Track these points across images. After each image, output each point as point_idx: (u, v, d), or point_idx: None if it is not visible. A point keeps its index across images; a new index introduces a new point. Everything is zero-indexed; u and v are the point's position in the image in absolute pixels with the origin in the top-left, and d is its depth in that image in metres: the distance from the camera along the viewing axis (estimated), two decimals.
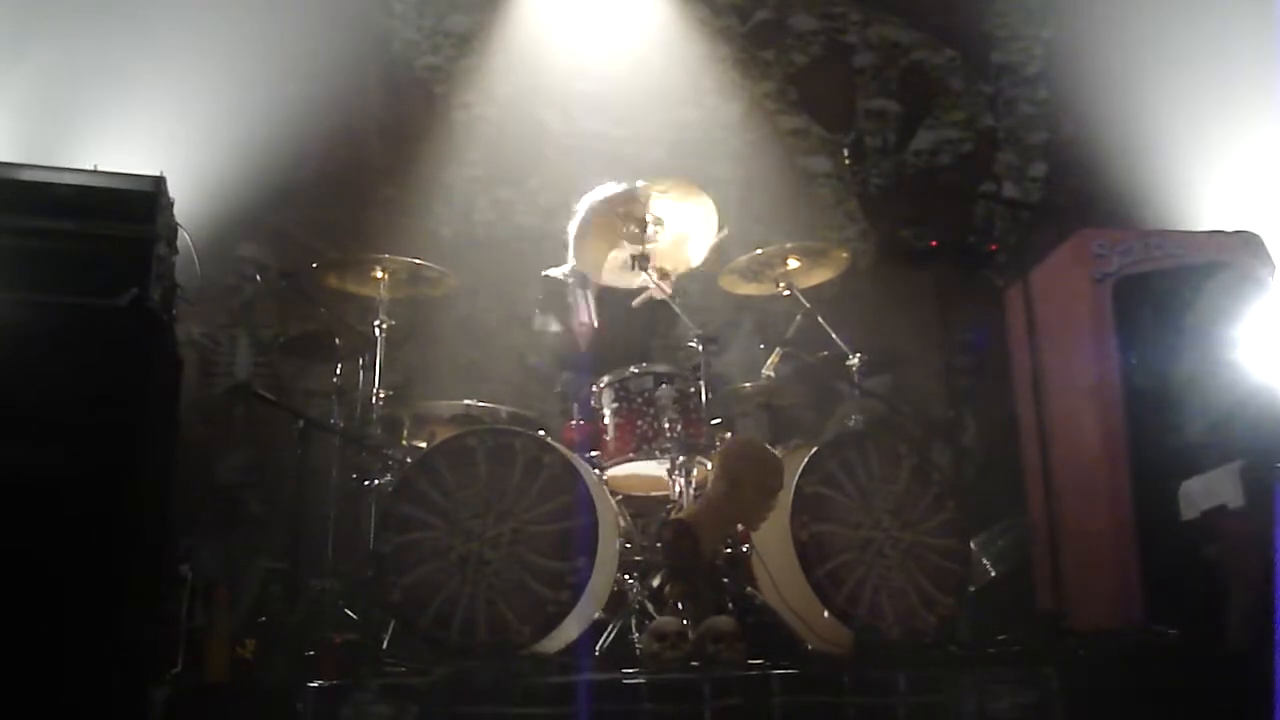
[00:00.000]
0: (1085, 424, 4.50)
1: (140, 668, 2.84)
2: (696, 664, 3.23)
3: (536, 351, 4.85)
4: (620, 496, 3.95)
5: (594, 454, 3.97)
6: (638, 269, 4.13)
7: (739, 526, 3.76)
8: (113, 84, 4.94)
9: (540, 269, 4.63)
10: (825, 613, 3.49)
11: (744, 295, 4.64)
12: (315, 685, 2.86)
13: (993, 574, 4.72)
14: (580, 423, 4.07)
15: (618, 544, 3.70)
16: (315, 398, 4.97)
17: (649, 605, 3.63)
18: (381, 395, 4.20)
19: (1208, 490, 3.64)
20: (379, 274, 4.30)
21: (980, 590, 4.41)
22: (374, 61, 5.99)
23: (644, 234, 4.13)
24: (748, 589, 3.70)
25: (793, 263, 4.33)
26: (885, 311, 5.57)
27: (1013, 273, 4.83)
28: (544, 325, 4.52)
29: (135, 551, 2.80)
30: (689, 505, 3.77)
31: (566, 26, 6.16)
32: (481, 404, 4.17)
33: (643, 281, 4.17)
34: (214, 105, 5.19)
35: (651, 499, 4.08)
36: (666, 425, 3.87)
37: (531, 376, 5.11)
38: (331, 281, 4.42)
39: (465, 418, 4.09)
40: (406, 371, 5.26)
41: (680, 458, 3.83)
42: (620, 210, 4.17)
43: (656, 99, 6.13)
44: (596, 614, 3.59)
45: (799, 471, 3.63)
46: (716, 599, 3.62)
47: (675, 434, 3.86)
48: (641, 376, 3.98)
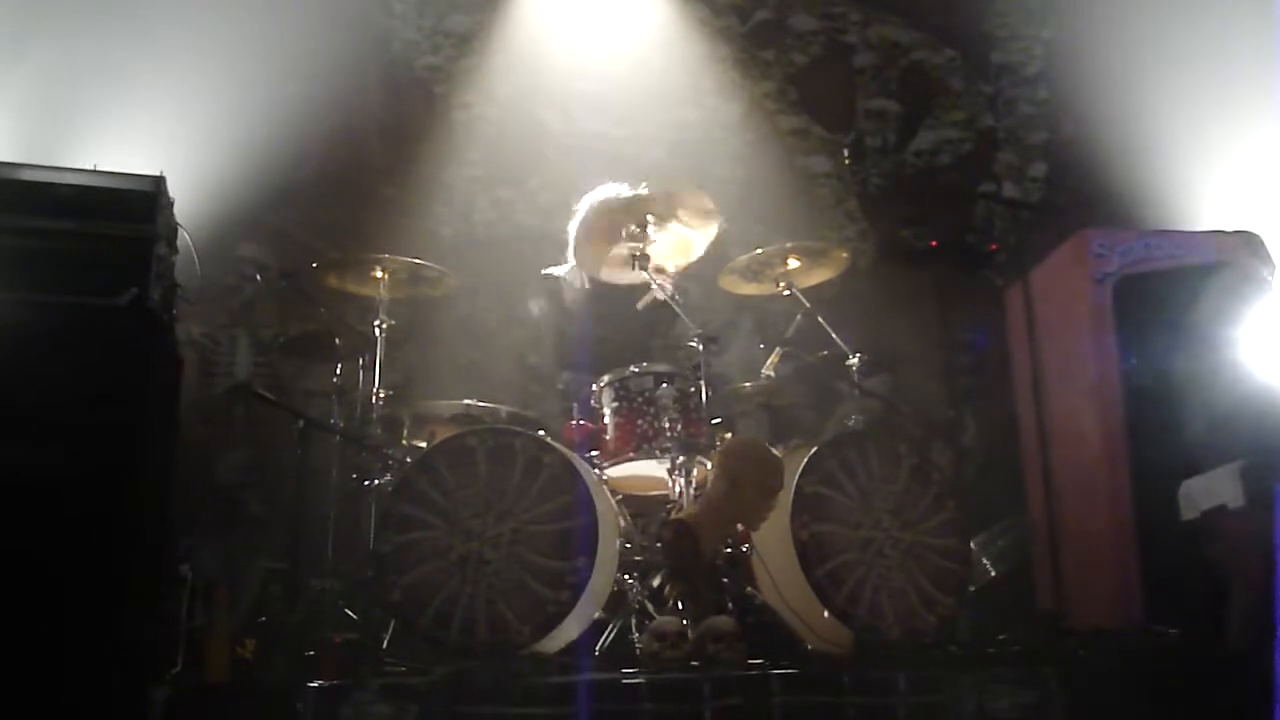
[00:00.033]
0: (1085, 424, 4.50)
1: (140, 668, 2.84)
2: (696, 664, 3.23)
3: (537, 351, 4.84)
4: (620, 496, 3.94)
5: (594, 454, 3.97)
6: (638, 268, 4.13)
7: (739, 526, 3.75)
8: (113, 84, 4.94)
9: (540, 269, 4.64)
10: (825, 613, 3.49)
11: (744, 295, 4.64)
12: (315, 685, 2.86)
13: (993, 574, 4.71)
14: (580, 422, 4.07)
15: (618, 544, 3.69)
16: (315, 398, 4.96)
17: (649, 605, 3.63)
18: (381, 395, 4.20)
19: (1208, 490, 3.64)
20: (379, 274, 4.30)
21: (980, 590, 4.41)
22: (374, 61, 5.99)
23: (644, 233, 4.14)
24: (748, 589, 3.70)
25: (793, 262, 4.33)
26: (885, 311, 5.57)
27: (1013, 273, 4.83)
28: (540, 309, 4.54)
29: (135, 551, 2.79)
30: (689, 505, 3.77)
31: (566, 26, 6.15)
32: (481, 404, 4.16)
33: (644, 279, 4.17)
34: (214, 105, 5.18)
35: (651, 499, 4.08)
36: (666, 425, 3.87)
37: (531, 376, 5.10)
38: (331, 281, 4.42)
39: (465, 417, 4.08)
40: (406, 371, 5.26)
41: (680, 457, 3.83)
42: (620, 211, 4.19)
43: (656, 99, 6.13)
44: (596, 614, 3.58)
45: (799, 471, 3.63)
46: (716, 599, 3.61)
47: (675, 434, 3.85)
48: (641, 376, 3.98)
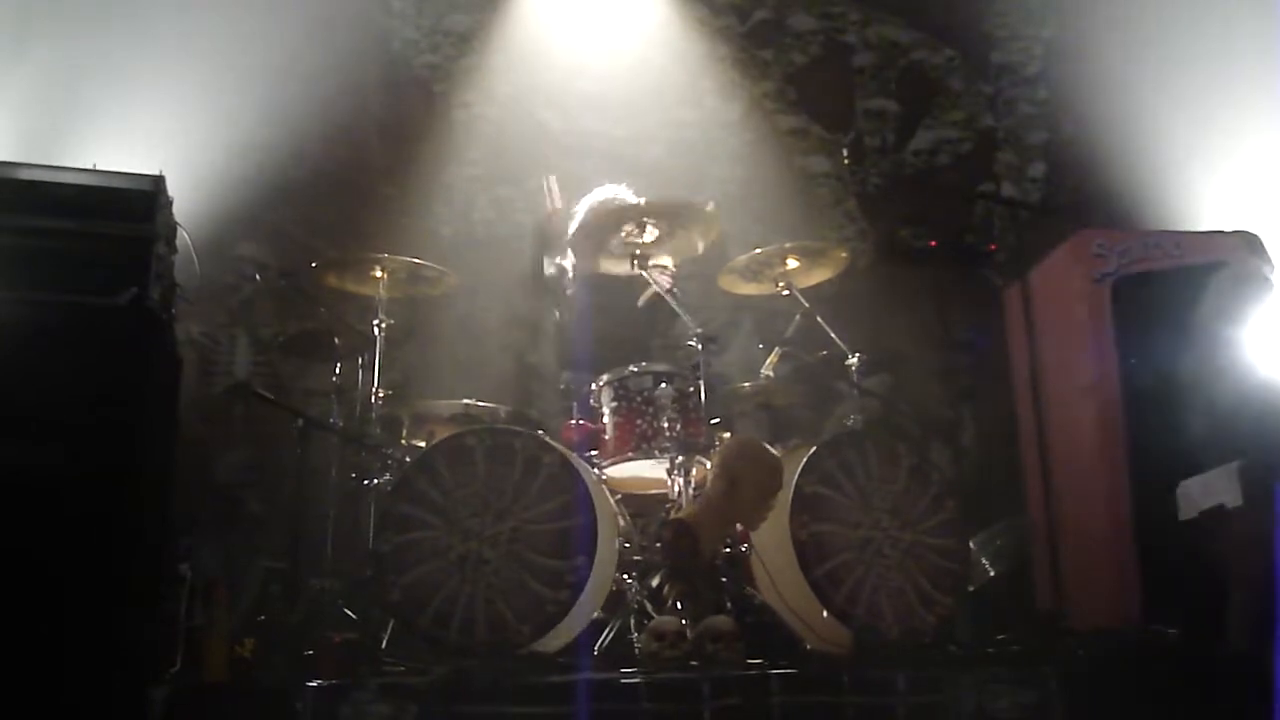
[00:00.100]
0: (1084, 424, 4.51)
1: (140, 667, 2.84)
2: (695, 663, 3.23)
3: (536, 350, 4.85)
4: (619, 496, 3.95)
5: (593, 453, 3.97)
6: (637, 268, 4.13)
7: (738, 526, 3.76)
8: (112, 84, 4.93)
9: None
10: (824, 612, 3.49)
11: (743, 295, 4.64)
12: (314, 684, 2.86)
13: (992, 574, 4.71)
14: (579, 422, 4.07)
15: (617, 543, 3.69)
16: (314, 397, 4.95)
17: (648, 604, 3.63)
18: (381, 394, 4.20)
19: (1206, 490, 3.63)
20: (378, 273, 4.30)
21: (979, 590, 4.41)
22: (373, 61, 5.98)
23: (643, 233, 4.14)
24: (747, 588, 3.70)
25: (792, 262, 4.32)
26: (884, 311, 5.57)
27: (1012, 272, 4.83)
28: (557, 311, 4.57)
29: (135, 551, 2.80)
30: (688, 505, 3.77)
31: (566, 26, 6.15)
32: (480, 403, 4.17)
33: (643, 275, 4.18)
34: (213, 105, 5.18)
35: (650, 498, 4.07)
36: (665, 424, 3.87)
37: (531, 375, 5.11)
38: (331, 280, 4.42)
39: (464, 417, 4.09)
40: (406, 371, 5.26)
41: (679, 457, 3.83)
42: (620, 214, 4.19)
43: (656, 98, 6.12)
44: (595, 613, 3.58)
45: (798, 471, 3.63)
46: (715, 598, 3.61)
47: (674, 433, 3.86)
48: (641, 375, 3.98)
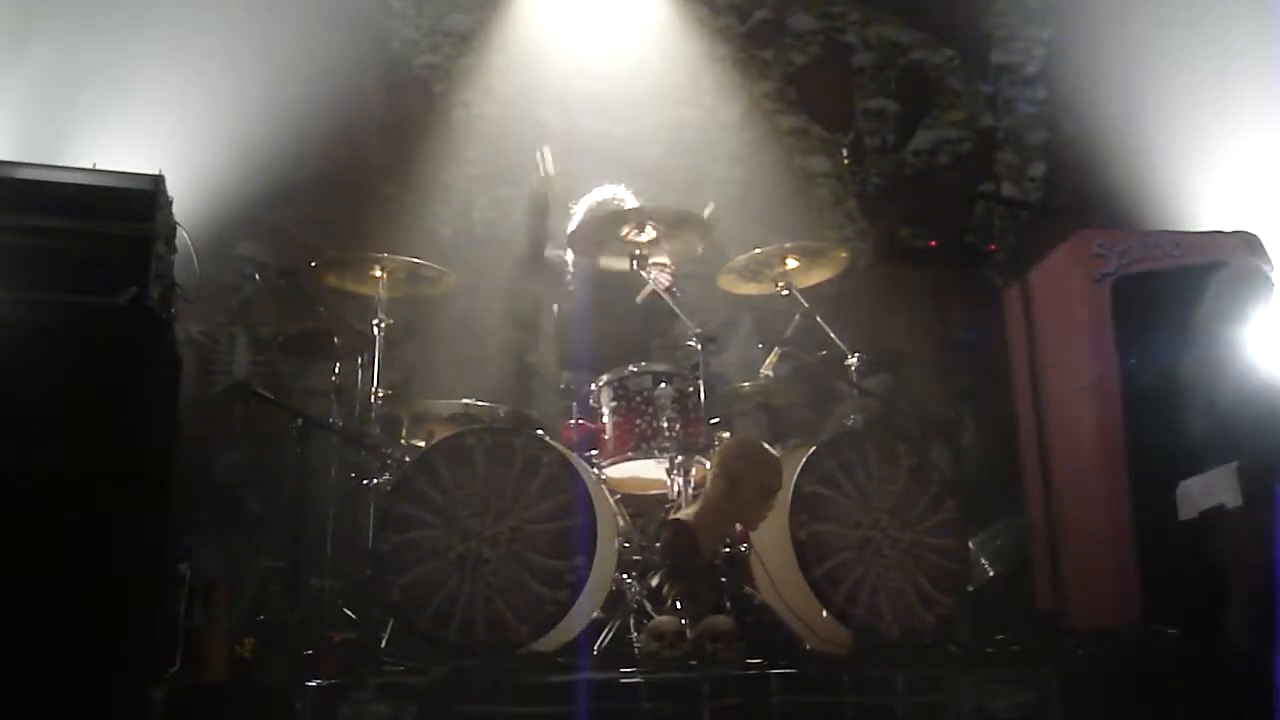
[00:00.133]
0: (1084, 424, 4.51)
1: (139, 667, 2.83)
2: (695, 663, 3.22)
3: (536, 349, 4.85)
4: (619, 496, 3.95)
5: (592, 453, 3.97)
6: (636, 267, 4.13)
7: (737, 526, 3.75)
8: (112, 83, 4.93)
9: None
10: (824, 612, 3.49)
11: (743, 295, 4.63)
12: (314, 684, 2.85)
13: (991, 574, 4.70)
14: (579, 422, 4.07)
15: (616, 543, 3.69)
16: (314, 396, 4.96)
17: (647, 604, 3.62)
18: (380, 394, 4.19)
19: (1206, 490, 3.63)
20: (378, 273, 4.29)
21: (979, 590, 4.41)
22: (373, 61, 5.98)
23: (642, 233, 4.14)
24: (746, 588, 3.69)
25: (791, 262, 4.32)
26: (884, 311, 5.57)
27: (1012, 272, 4.84)
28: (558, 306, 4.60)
29: (135, 551, 2.80)
30: (687, 505, 3.77)
31: (566, 26, 6.15)
32: (480, 403, 4.16)
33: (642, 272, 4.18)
34: (213, 104, 5.18)
35: (650, 498, 4.08)
36: (665, 424, 3.87)
37: (531, 375, 5.11)
38: (330, 280, 4.41)
39: (464, 416, 4.08)
40: (405, 370, 5.26)
41: (679, 457, 3.83)
42: (619, 215, 4.20)
43: (655, 98, 6.12)
44: (595, 613, 3.58)
45: (797, 471, 3.63)
46: (715, 598, 3.61)
47: (674, 433, 3.85)
48: (640, 375, 3.98)
